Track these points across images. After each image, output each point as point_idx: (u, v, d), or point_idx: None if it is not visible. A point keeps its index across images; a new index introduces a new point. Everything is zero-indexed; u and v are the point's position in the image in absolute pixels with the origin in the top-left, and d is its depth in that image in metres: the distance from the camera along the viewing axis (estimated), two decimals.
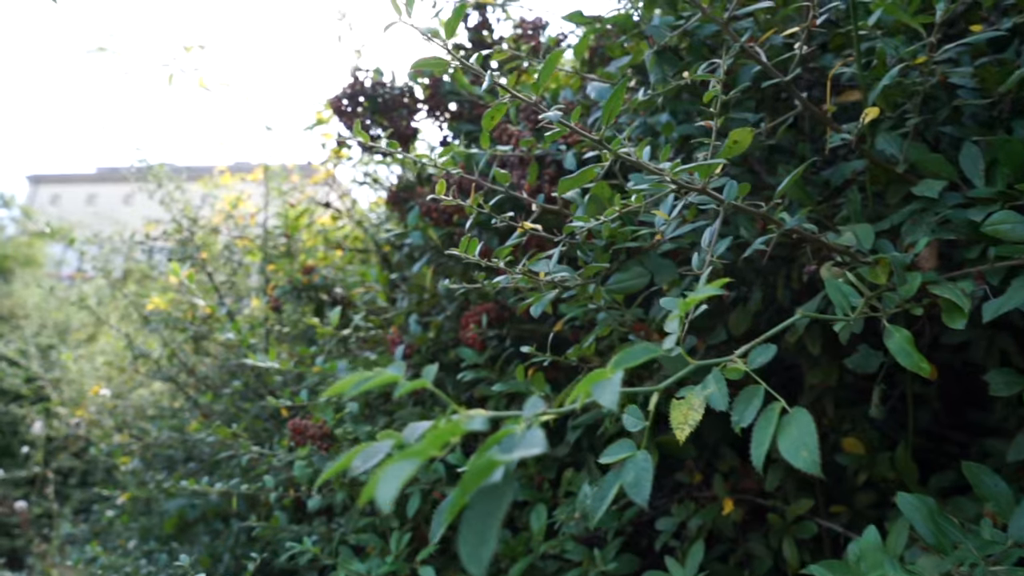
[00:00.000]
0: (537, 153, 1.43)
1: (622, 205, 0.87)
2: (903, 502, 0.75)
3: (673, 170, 0.78)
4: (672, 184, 0.78)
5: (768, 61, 0.99)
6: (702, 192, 0.80)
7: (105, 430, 2.95)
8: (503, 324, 1.76)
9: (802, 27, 0.90)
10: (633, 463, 0.56)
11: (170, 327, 2.75)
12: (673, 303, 0.80)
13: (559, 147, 1.37)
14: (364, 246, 3.05)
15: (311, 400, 1.80)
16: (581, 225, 0.94)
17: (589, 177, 0.84)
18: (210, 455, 2.61)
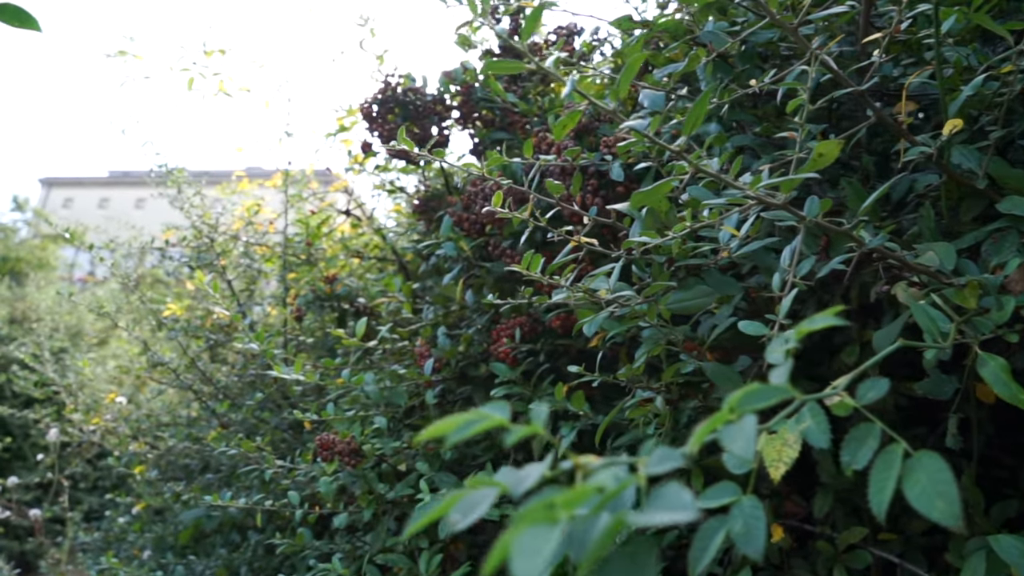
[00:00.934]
0: (580, 163, 1.39)
1: (694, 220, 0.82)
2: (1005, 546, 0.69)
3: (755, 185, 0.73)
4: (752, 199, 0.73)
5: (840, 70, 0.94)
6: (782, 208, 0.75)
7: (121, 438, 2.91)
8: (537, 338, 1.71)
9: (884, 33, 0.85)
10: (740, 510, 0.50)
11: (189, 335, 2.71)
12: (755, 327, 0.75)
13: (603, 157, 1.32)
14: (382, 255, 3.00)
15: (338, 413, 1.75)
16: (649, 241, 0.89)
17: (665, 191, 0.80)
18: (229, 466, 2.56)
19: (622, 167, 1.26)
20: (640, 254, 0.96)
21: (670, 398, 1.23)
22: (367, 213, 3.27)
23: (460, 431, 0.40)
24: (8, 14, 0.59)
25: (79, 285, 11.91)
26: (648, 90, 1.11)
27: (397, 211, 3.41)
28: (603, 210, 1.10)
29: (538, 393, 1.67)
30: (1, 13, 0.59)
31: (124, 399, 3.14)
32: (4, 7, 0.59)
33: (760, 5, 0.92)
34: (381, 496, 1.69)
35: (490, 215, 1.52)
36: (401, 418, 1.89)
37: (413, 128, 1.81)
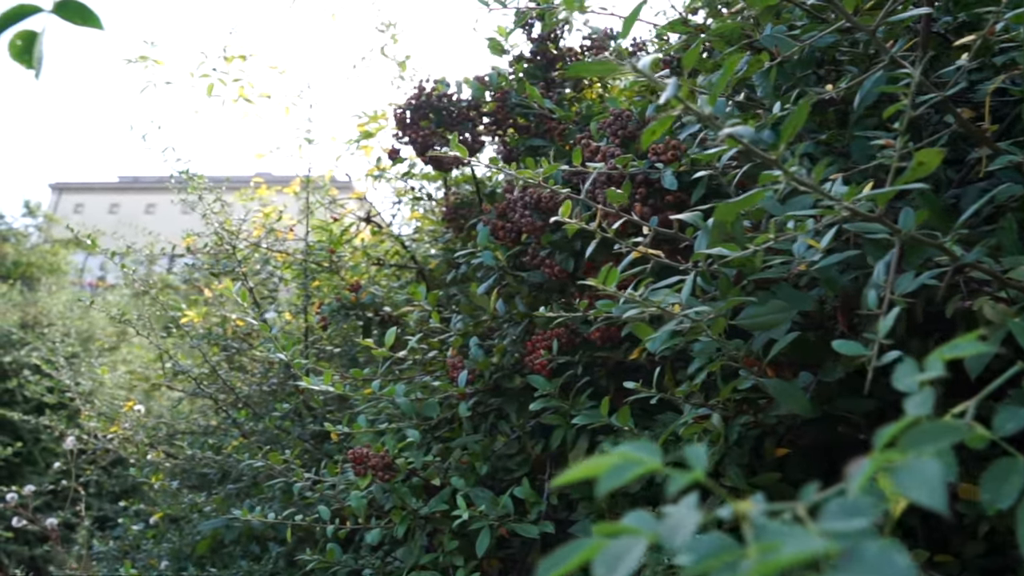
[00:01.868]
0: (624, 170, 1.34)
1: (777, 232, 0.78)
2: None
3: (850, 196, 0.68)
4: (845, 211, 0.69)
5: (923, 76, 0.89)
6: (876, 220, 0.71)
7: (139, 446, 2.88)
8: (575, 350, 1.66)
9: (978, 35, 0.81)
10: (883, 558, 0.46)
11: (210, 343, 2.67)
12: (851, 347, 0.70)
13: (653, 165, 1.27)
14: (401, 262, 2.97)
15: (370, 426, 1.71)
16: (728, 254, 0.85)
17: (755, 200, 0.75)
18: (250, 476, 2.52)
19: (674, 175, 1.22)
20: (707, 267, 0.92)
21: (726, 415, 1.19)
22: (385, 220, 3.24)
23: (613, 476, 0.35)
24: (72, 11, 0.56)
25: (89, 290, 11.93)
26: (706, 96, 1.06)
27: (415, 218, 3.38)
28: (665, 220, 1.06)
29: (576, 407, 1.63)
30: (64, 10, 0.56)
31: (142, 407, 3.10)
32: (68, 3, 0.55)
33: (837, 7, 0.88)
34: (414, 511, 1.64)
35: (531, 224, 1.47)
36: (431, 431, 1.84)
37: (446, 134, 1.77)
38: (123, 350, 9.01)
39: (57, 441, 7.38)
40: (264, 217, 3.34)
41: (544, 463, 1.75)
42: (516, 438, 1.76)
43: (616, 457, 0.36)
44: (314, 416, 2.67)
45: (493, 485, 1.71)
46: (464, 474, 1.67)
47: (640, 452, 0.36)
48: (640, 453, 0.36)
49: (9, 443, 6.79)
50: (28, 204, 13.18)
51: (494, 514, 1.55)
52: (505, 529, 1.57)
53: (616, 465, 0.35)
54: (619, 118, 1.38)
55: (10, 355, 7.94)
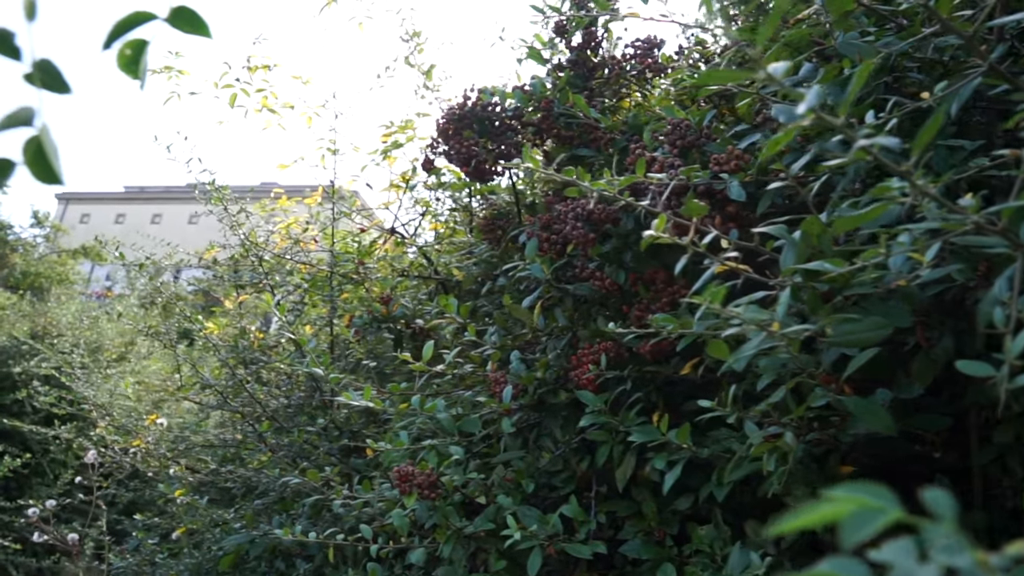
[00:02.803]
0: (679, 182, 1.31)
1: (888, 247, 0.74)
2: None
3: (975, 209, 0.65)
4: (971, 224, 0.65)
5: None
6: (999, 233, 0.67)
7: (162, 461, 2.84)
8: (623, 365, 1.63)
9: None
10: None
11: (238, 355, 2.64)
12: (979, 368, 0.67)
13: (717, 175, 1.24)
14: (426, 274, 2.93)
15: (413, 444, 1.67)
16: (834, 268, 0.81)
17: (878, 213, 0.72)
18: (277, 491, 2.48)
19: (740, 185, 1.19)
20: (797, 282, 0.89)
21: (799, 433, 1.15)
22: (408, 232, 3.21)
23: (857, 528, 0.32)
24: (184, 19, 0.53)
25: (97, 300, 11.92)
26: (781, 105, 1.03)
27: (435, 228, 3.35)
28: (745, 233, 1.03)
29: (626, 423, 1.59)
30: (177, 18, 0.53)
31: (164, 421, 3.07)
32: (179, 11, 0.53)
33: (934, 13, 0.85)
34: (459, 530, 1.60)
35: (582, 236, 1.44)
36: (469, 447, 1.81)
37: (487, 145, 1.74)
38: (131, 361, 8.99)
39: (66, 452, 7.35)
40: (284, 229, 3.31)
41: (590, 480, 1.71)
42: (560, 455, 1.72)
43: (852, 503, 0.32)
44: (340, 431, 2.63)
45: (536, 503, 1.67)
46: (510, 492, 1.63)
47: (875, 498, 0.32)
48: (875, 499, 0.32)
49: (18, 454, 6.75)
50: (37, 214, 13.19)
51: (544, 533, 1.51)
52: (554, 549, 1.53)
53: (857, 514, 0.31)
54: (678, 128, 1.35)
55: (20, 366, 7.91)
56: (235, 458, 2.95)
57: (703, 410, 1.68)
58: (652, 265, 1.60)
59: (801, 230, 0.89)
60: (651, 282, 1.57)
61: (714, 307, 0.82)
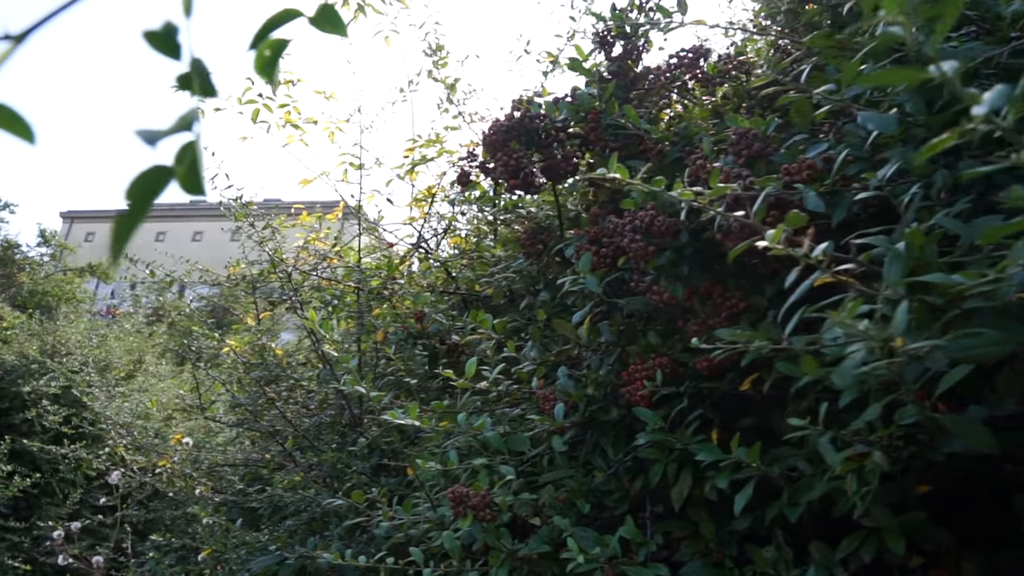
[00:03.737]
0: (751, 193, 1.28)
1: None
2: None
3: None
4: None
5: None
6: None
7: (188, 481, 2.79)
8: (679, 381, 1.58)
9: None
10: None
11: (269, 374, 2.60)
12: None
13: (791, 185, 1.21)
14: (449, 289, 2.90)
15: (464, 463, 1.63)
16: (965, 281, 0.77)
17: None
18: (309, 512, 2.43)
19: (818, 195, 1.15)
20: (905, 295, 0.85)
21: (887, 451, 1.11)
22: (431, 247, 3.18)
23: None
24: (326, 19, 0.50)
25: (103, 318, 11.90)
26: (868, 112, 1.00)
27: (456, 243, 3.32)
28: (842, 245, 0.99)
29: (683, 440, 1.55)
30: (320, 17, 0.50)
31: (190, 440, 3.02)
32: (324, 10, 0.49)
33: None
34: (512, 552, 1.56)
35: (641, 249, 1.41)
36: (521, 466, 1.76)
37: (533, 156, 1.71)
38: (139, 379, 8.95)
39: (75, 472, 7.29)
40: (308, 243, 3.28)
41: (643, 499, 1.66)
42: (612, 473, 1.68)
43: None
44: (370, 449, 2.59)
45: (588, 523, 1.62)
46: (564, 512, 1.58)
47: None
48: None
49: (28, 474, 6.70)
50: (44, 233, 13.19)
51: (603, 556, 1.46)
52: (613, 572, 1.48)
53: None
54: (744, 137, 1.32)
55: (29, 385, 7.86)
56: (262, 478, 2.91)
57: (758, 426, 1.64)
58: (707, 278, 1.56)
59: (905, 241, 0.85)
60: (707, 296, 1.53)
61: (848, 322, 0.78)
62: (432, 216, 2.87)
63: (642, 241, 1.41)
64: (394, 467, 2.54)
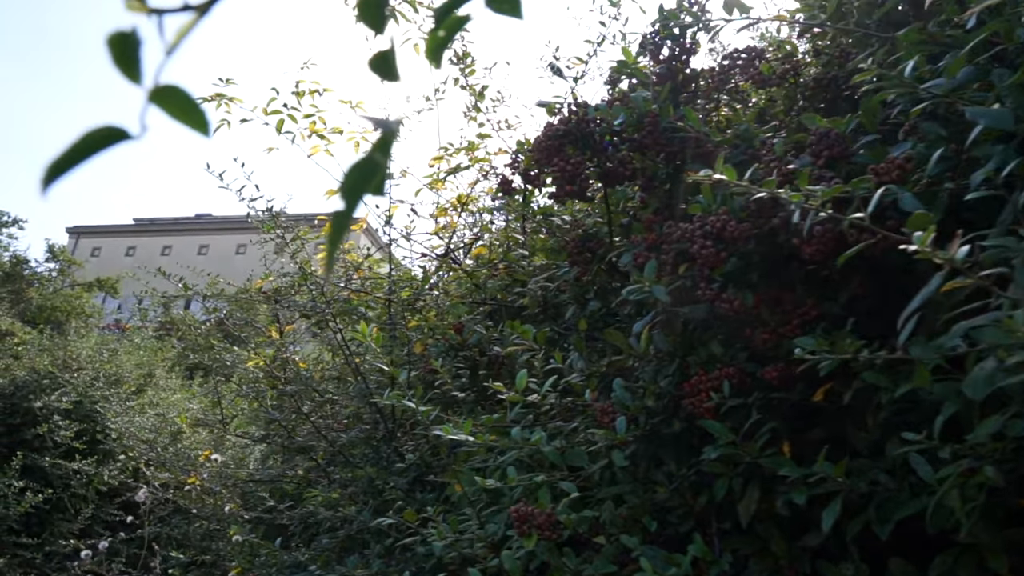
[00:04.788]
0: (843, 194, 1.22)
1: None
2: None
3: None
4: None
5: None
6: None
7: (217, 498, 2.73)
8: (747, 392, 1.53)
9: None
10: None
11: (309, 388, 2.54)
12: None
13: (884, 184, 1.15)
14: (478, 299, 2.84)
15: (523, 478, 1.57)
16: None
17: None
18: (346, 529, 2.37)
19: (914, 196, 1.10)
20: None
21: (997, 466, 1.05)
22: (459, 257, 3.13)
23: None
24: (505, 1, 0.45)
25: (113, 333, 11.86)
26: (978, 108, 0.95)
27: (480, 253, 3.26)
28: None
29: (751, 453, 1.49)
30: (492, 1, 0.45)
31: (219, 456, 2.96)
32: None
33: None
34: (576, 573, 1.49)
35: (713, 255, 1.35)
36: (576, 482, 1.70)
37: (588, 162, 1.66)
38: (149, 393, 8.91)
39: (87, 487, 7.23)
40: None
41: (708, 516, 1.60)
42: (674, 488, 1.62)
43: None
44: (406, 465, 2.53)
45: (652, 541, 1.56)
46: (628, 530, 1.52)
47: None
48: None
49: (40, 490, 6.64)
50: (52, 248, 13.18)
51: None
52: None
53: None
54: (825, 137, 1.27)
55: (40, 400, 7.81)
56: (290, 494, 2.85)
57: (829, 438, 1.58)
58: (774, 285, 1.51)
59: None
60: (777, 303, 1.48)
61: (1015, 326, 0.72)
62: (463, 226, 2.82)
63: (713, 247, 1.35)
64: (430, 482, 2.48)
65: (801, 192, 1.07)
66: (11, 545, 6.55)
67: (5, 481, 6.53)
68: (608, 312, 2.14)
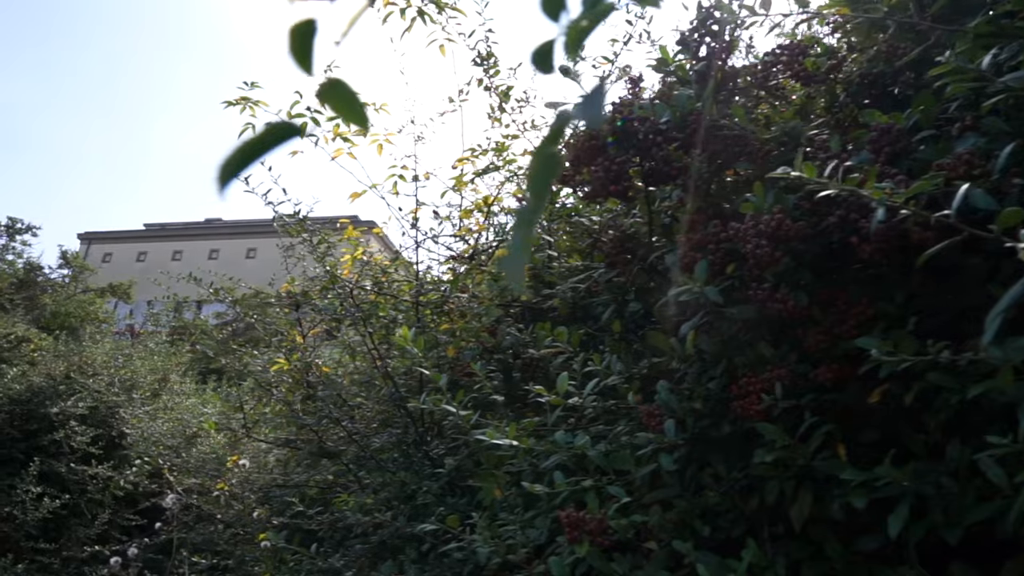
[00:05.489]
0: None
1: None
2: None
3: None
4: None
5: None
6: None
7: (246, 504, 2.72)
8: (800, 393, 1.50)
9: None
10: None
11: (341, 394, 2.53)
12: None
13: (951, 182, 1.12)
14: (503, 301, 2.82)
15: (571, 483, 1.55)
16: None
17: None
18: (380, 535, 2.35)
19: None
20: None
21: None
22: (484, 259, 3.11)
23: None
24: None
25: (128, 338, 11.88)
26: None
27: (503, 255, 3.24)
28: None
29: (804, 456, 1.46)
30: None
31: (246, 462, 2.95)
32: None
33: None
34: None
35: (768, 255, 1.32)
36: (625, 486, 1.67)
37: (633, 160, 1.64)
38: (164, 397, 8.92)
39: (103, 492, 7.23)
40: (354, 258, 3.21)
41: (759, 519, 1.58)
42: (724, 492, 1.59)
43: None
44: (436, 468, 2.51)
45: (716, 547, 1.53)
46: (679, 535, 1.50)
47: None
48: None
49: (57, 495, 6.65)
50: (66, 254, 13.23)
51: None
52: None
53: None
54: (886, 133, 1.24)
55: (56, 406, 7.83)
56: (318, 499, 2.83)
57: (883, 441, 1.55)
58: (825, 285, 1.48)
59: None
60: (830, 303, 1.45)
61: None
62: (489, 228, 2.80)
63: (768, 246, 1.33)
64: (460, 487, 2.46)
65: (883, 190, 1.04)
66: (29, 551, 6.56)
67: (23, 487, 6.55)
68: (644, 314, 2.11)
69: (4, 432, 7.49)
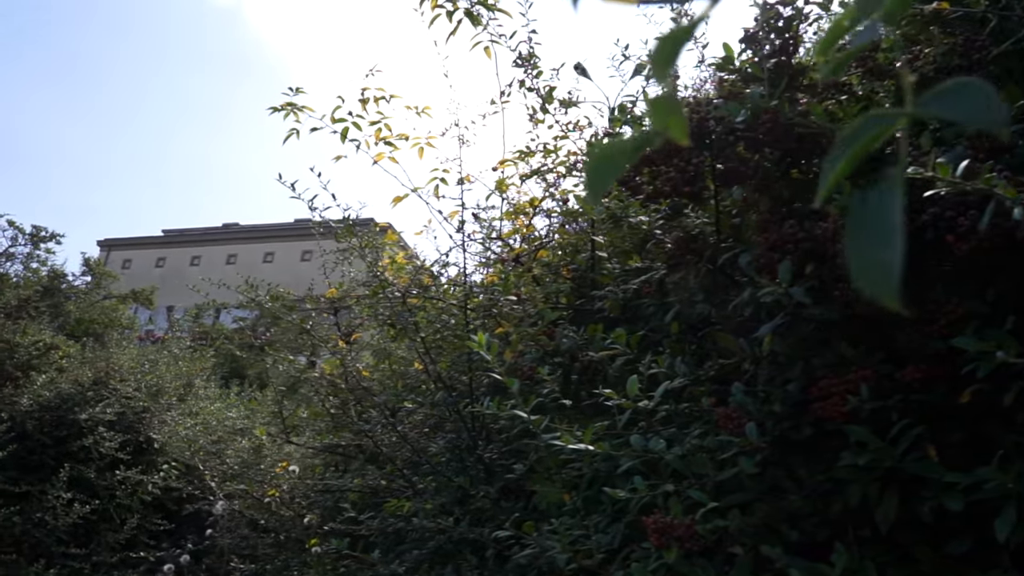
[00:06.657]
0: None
1: None
2: None
3: None
4: None
5: None
6: None
7: (296, 510, 2.72)
8: (886, 394, 1.47)
9: None
10: None
11: (396, 399, 2.52)
12: None
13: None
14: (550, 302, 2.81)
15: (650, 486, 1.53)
16: None
17: None
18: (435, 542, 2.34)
19: None
20: None
21: None
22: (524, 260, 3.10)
23: None
24: None
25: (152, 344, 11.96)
26: None
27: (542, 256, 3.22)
28: None
29: (892, 458, 1.43)
30: None
31: (296, 468, 2.95)
32: None
33: None
34: None
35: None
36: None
37: (707, 161, 1.62)
38: (189, 402, 8.97)
39: (132, 497, 7.28)
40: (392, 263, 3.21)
41: (843, 523, 1.55)
42: (806, 496, 1.57)
43: None
44: (490, 473, 2.50)
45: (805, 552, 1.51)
46: (765, 539, 1.48)
47: None
48: None
49: (87, 501, 6.70)
50: (88, 261, 13.32)
51: None
52: None
53: None
54: None
55: (85, 412, 7.89)
56: (369, 504, 2.83)
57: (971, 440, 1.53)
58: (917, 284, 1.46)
59: None
60: (919, 302, 1.43)
61: None
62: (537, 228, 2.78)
63: None
64: (514, 491, 2.45)
65: (1018, 189, 1.02)
66: (60, 556, 6.62)
67: (54, 493, 6.61)
68: (703, 315, 2.09)
69: (34, 438, 7.56)
